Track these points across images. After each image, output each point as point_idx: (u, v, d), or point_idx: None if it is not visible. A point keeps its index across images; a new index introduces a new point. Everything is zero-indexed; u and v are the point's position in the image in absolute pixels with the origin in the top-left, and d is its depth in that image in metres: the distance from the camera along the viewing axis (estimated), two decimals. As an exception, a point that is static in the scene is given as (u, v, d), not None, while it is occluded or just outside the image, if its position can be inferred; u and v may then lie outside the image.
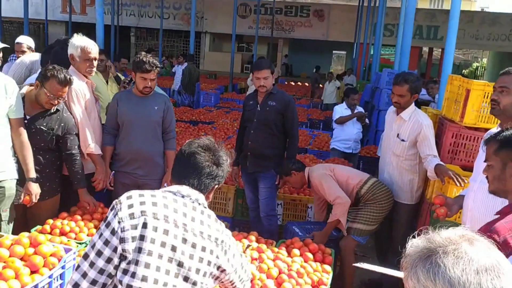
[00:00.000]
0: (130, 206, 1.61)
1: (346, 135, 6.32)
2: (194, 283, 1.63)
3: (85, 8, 24.03)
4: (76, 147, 3.40)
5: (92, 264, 1.58)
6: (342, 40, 21.55)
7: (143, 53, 3.68)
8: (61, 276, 2.41)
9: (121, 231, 1.56)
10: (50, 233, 3.12)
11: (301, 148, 6.89)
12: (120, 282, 1.57)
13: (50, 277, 2.31)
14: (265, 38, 21.07)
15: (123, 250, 1.56)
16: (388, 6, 13.97)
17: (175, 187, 1.73)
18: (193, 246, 1.62)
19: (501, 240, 1.63)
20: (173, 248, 1.59)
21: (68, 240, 3.00)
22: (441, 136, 3.71)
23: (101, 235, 1.60)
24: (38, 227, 3.16)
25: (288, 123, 4.17)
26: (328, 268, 3.14)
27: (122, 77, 5.09)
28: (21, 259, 2.34)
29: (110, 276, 1.60)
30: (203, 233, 1.65)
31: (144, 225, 1.57)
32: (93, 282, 1.58)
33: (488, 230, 1.70)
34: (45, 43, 19.37)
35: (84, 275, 1.59)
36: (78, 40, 3.52)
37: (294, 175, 4.00)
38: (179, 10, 23.35)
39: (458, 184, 3.13)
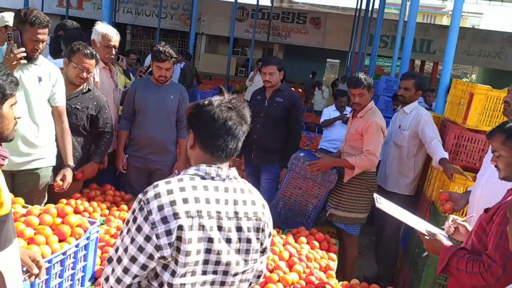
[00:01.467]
0: (161, 208, 1.49)
1: (335, 136, 6.47)
2: (237, 263, 1.60)
3: (82, 3, 23.96)
4: (108, 125, 3.52)
5: (126, 270, 1.52)
6: (337, 49, 21.83)
7: (163, 43, 3.83)
8: (85, 247, 2.49)
9: (156, 238, 1.48)
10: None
11: (300, 149, 7.05)
12: (161, 276, 1.54)
13: (76, 246, 2.40)
14: (261, 43, 21.27)
15: (161, 256, 1.50)
16: (384, 18, 14.25)
17: (203, 169, 1.60)
18: (229, 230, 1.57)
19: None
20: (210, 240, 1.54)
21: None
22: (443, 137, 3.88)
23: (133, 240, 1.51)
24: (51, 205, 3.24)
25: (292, 120, 4.29)
26: (334, 256, 3.28)
27: (131, 73, 5.23)
28: (49, 227, 2.43)
29: (145, 275, 1.56)
30: (238, 213, 1.59)
31: (180, 227, 1.48)
32: (129, 286, 1.54)
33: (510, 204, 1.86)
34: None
35: (118, 280, 1.54)
36: (101, 27, 3.70)
37: (371, 94, 3.80)
38: (177, 10, 23.42)
39: (467, 178, 3.31)
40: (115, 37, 3.73)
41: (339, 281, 2.94)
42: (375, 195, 2.45)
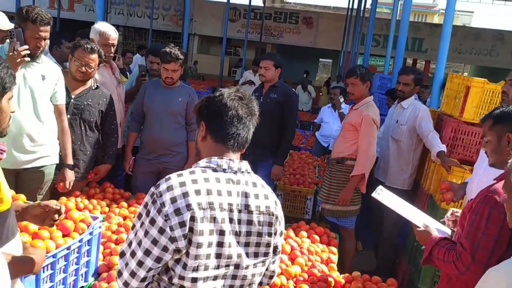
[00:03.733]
0: (174, 200, 1.49)
1: (326, 131, 6.66)
2: (247, 255, 1.60)
3: (73, 4, 23.80)
4: (115, 123, 3.59)
5: (140, 263, 1.52)
6: (329, 48, 21.88)
7: (172, 44, 3.83)
8: (89, 242, 2.49)
9: (170, 230, 1.48)
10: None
11: (295, 146, 7.11)
12: (173, 270, 1.54)
13: (80, 241, 2.40)
14: (253, 43, 21.26)
15: (176, 247, 1.50)
16: (376, 17, 14.31)
17: (214, 161, 1.60)
18: (239, 222, 1.57)
19: (501, 200, 1.81)
20: (222, 233, 1.53)
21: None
22: (440, 131, 3.92)
23: (147, 233, 1.51)
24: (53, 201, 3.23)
25: (286, 115, 4.27)
26: (334, 249, 3.31)
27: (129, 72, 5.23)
28: (53, 223, 2.42)
29: (159, 267, 1.55)
30: (250, 206, 1.59)
31: (192, 218, 1.49)
32: (143, 279, 1.54)
33: (489, 192, 1.88)
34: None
35: (133, 274, 1.53)
36: (99, 25, 3.73)
37: (366, 86, 3.84)
38: (169, 11, 23.34)
39: (465, 170, 3.36)
40: (113, 35, 3.75)
41: (339, 273, 2.97)
42: (379, 187, 2.45)
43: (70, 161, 3.22)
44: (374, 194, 2.38)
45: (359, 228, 4.23)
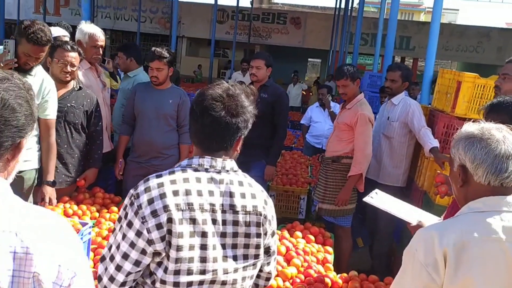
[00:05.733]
0: (151, 202, 1.45)
1: (318, 131, 6.60)
2: (235, 258, 1.53)
3: (59, 9, 23.66)
4: (100, 124, 3.47)
5: (119, 268, 1.47)
6: (318, 48, 21.95)
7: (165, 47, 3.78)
8: (78, 249, 2.42)
9: (147, 233, 1.44)
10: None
11: (287, 146, 7.08)
12: (155, 273, 1.49)
13: (69, 248, 2.32)
14: (242, 44, 21.26)
15: (155, 250, 1.45)
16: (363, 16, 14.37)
17: (196, 160, 1.55)
18: (224, 223, 1.51)
19: None
20: (204, 234, 1.47)
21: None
22: (432, 127, 3.90)
23: (124, 236, 1.47)
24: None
25: (277, 114, 4.22)
26: (330, 249, 3.27)
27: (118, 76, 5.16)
28: (41, 230, 2.35)
29: (139, 271, 1.50)
30: (235, 207, 1.52)
31: (169, 220, 1.43)
32: (122, 284, 1.49)
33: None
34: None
35: (111, 278, 1.48)
36: (87, 27, 3.63)
37: (356, 85, 3.81)
38: (156, 13, 23.28)
39: None
40: (102, 36, 3.69)
41: (336, 273, 2.92)
42: (374, 191, 2.42)
43: (50, 177, 3.09)
44: (366, 199, 2.35)
45: (355, 225, 4.20)
